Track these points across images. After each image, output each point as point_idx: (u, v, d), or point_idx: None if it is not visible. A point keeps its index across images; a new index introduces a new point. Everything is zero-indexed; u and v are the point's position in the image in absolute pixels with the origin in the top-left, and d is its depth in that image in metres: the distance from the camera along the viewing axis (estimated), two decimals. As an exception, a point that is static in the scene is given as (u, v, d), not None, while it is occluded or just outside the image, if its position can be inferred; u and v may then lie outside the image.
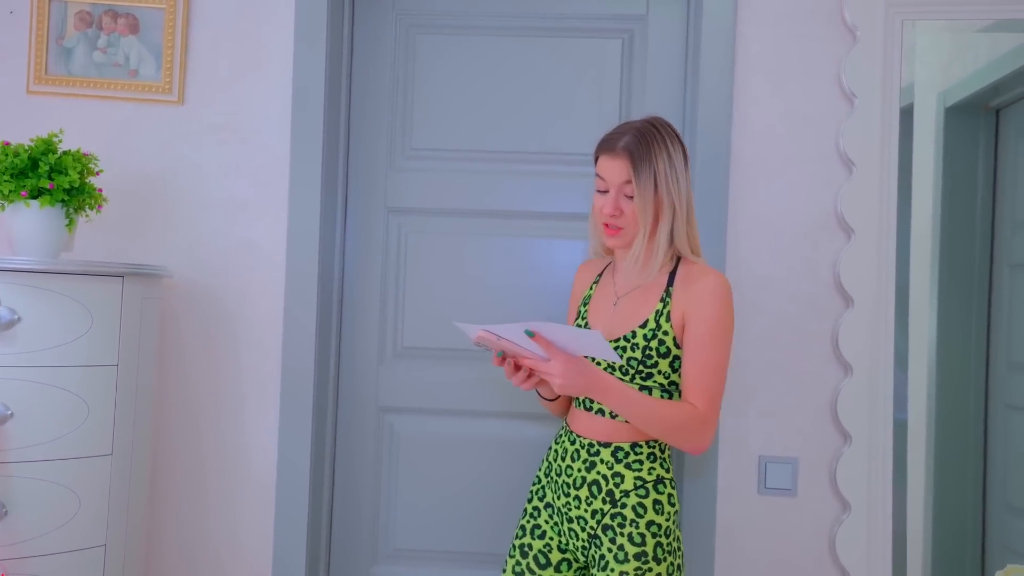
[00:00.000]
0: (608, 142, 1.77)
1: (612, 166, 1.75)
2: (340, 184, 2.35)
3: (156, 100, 2.28)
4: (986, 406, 2.17)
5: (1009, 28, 2.15)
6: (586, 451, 1.80)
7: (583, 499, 1.78)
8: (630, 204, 1.75)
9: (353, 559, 2.37)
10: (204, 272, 2.28)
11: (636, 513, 1.74)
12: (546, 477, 1.89)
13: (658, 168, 1.73)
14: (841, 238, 2.17)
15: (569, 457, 1.83)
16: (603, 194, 1.78)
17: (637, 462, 1.77)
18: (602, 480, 1.77)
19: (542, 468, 1.92)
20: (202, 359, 2.29)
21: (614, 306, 1.83)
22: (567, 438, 1.86)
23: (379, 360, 2.37)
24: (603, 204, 1.77)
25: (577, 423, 1.85)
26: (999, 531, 2.15)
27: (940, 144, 2.18)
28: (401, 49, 2.38)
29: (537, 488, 1.91)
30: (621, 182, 1.74)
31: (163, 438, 2.30)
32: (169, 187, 2.29)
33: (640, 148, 1.73)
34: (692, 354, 1.72)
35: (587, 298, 1.90)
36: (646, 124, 1.77)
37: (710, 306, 1.73)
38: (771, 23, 2.20)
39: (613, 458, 1.77)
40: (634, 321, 1.78)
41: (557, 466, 1.85)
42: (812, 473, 2.18)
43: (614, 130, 1.79)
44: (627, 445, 1.78)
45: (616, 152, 1.74)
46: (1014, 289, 2.16)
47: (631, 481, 1.76)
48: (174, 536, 2.29)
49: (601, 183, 1.78)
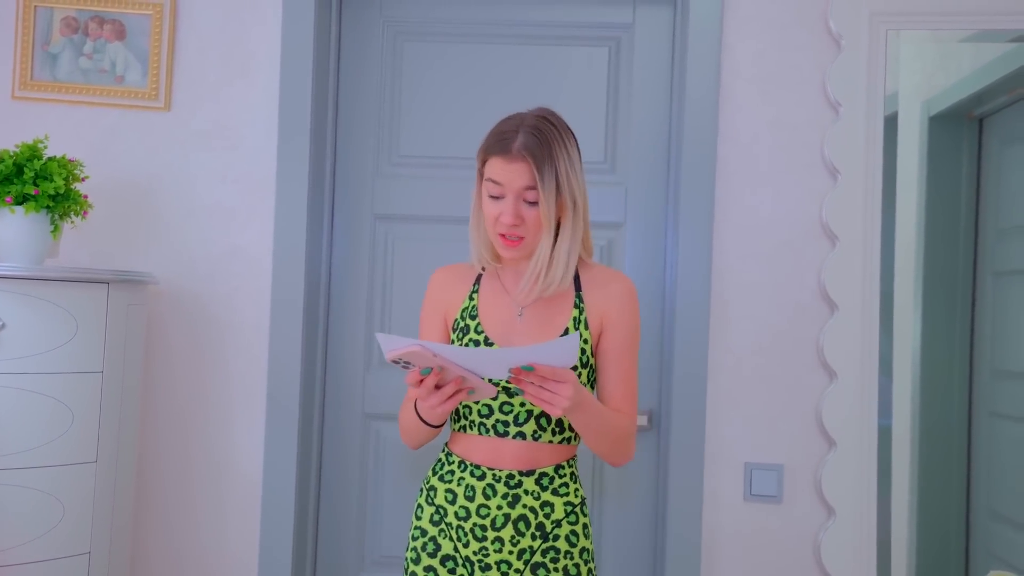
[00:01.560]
0: (501, 143, 1.56)
1: (510, 170, 1.55)
2: (327, 191, 2.35)
3: (142, 106, 2.28)
4: (970, 413, 2.19)
5: (992, 38, 2.17)
6: (504, 484, 1.59)
7: (507, 540, 1.58)
8: (532, 211, 1.56)
9: (339, 566, 2.36)
10: (190, 279, 2.28)
11: (569, 543, 1.60)
12: (435, 526, 1.62)
13: (559, 168, 1.56)
14: (826, 246, 2.19)
15: (480, 495, 1.59)
16: (497, 200, 1.57)
17: (563, 486, 1.61)
18: (530, 514, 1.58)
19: (423, 518, 1.64)
20: (188, 366, 2.28)
21: (519, 317, 1.64)
22: (468, 473, 1.61)
23: (366, 366, 2.37)
24: (499, 212, 1.56)
25: (479, 452, 1.62)
26: (983, 537, 2.16)
27: (924, 152, 2.20)
28: (388, 56, 2.38)
29: (422, 543, 1.63)
30: (521, 188, 1.55)
31: (149, 445, 2.29)
32: (155, 194, 2.29)
33: (541, 149, 1.55)
34: (616, 362, 1.62)
35: (471, 310, 1.65)
36: (539, 119, 1.58)
37: (630, 312, 1.64)
38: (757, 32, 2.21)
39: (538, 486, 1.59)
40: (551, 331, 1.61)
41: (458, 509, 1.60)
42: (797, 479, 2.19)
43: (502, 127, 1.59)
44: (551, 469, 1.61)
45: (513, 155, 1.54)
46: (997, 297, 2.17)
47: (561, 509, 1.60)
48: (159, 544, 2.28)
49: (494, 188, 1.57)
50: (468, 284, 1.69)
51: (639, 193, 2.33)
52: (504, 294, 1.66)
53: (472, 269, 1.71)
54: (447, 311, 1.69)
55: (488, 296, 1.67)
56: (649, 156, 2.33)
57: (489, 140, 1.59)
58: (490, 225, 1.59)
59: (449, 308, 1.69)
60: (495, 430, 1.61)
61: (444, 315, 1.70)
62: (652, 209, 2.33)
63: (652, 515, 2.32)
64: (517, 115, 1.61)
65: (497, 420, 1.61)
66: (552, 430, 1.61)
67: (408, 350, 1.38)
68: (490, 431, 1.61)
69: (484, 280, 1.69)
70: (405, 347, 1.39)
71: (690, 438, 2.18)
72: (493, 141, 1.58)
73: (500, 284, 1.68)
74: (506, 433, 1.61)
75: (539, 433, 1.60)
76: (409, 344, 1.38)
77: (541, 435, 1.60)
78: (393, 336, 1.39)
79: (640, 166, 2.33)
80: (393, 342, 1.39)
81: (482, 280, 1.69)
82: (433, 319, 1.71)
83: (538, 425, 1.60)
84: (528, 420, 1.60)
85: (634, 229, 2.33)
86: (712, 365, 2.20)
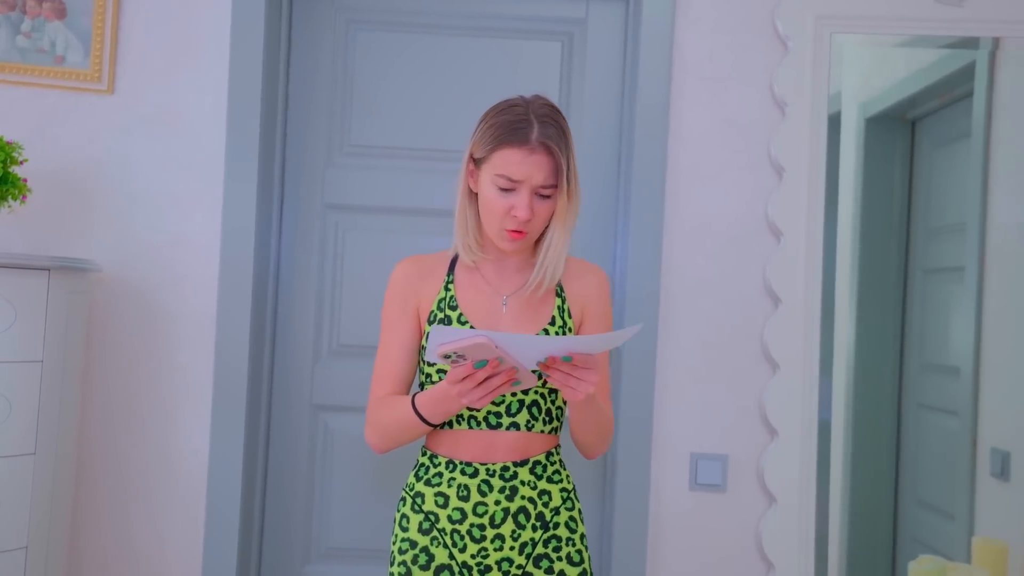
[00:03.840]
0: (515, 133, 1.48)
1: (530, 163, 1.47)
2: (277, 179, 2.32)
3: (84, 89, 2.21)
4: (899, 406, 2.26)
5: (925, 44, 2.25)
6: (499, 477, 1.54)
7: (507, 536, 1.53)
8: (542, 204, 1.51)
9: (286, 559, 2.33)
10: (135, 267, 2.22)
11: (569, 529, 1.58)
12: (426, 535, 1.55)
13: (572, 160, 1.51)
14: (771, 242, 2.24)
15: (476, 492, 1.54)
16: (508, 192, 1.50)
17: (556, 473, 1.59)
18: (529, 504, 1.55)
19: (410, 528, 1.57)
20: (132, 356, 2.22)
21: (504, 306, 1.59)
22: (458, 472, 1.56)
23: (315, 358, 2.34)
24: (510, 206, 1.49)
25: (469, 448, 1.56)
26: (910, 525, 2.24)
27: (861, 153, 2.26)
28: (341, 44, 2.35)
29: (412, 555, 1.55)
30: (539, 182, 1.49)
31: (90, 437, 2.22)
32: (98, 179, 2.22)
33: (561, 140, 1.49)
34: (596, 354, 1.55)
35: (449, 301, 1.59)
36: (548, 107, 1.52)
37: (606, 303, 1.63)
38: (707, 32, 2.25)
39: (533, 475, 1.56)
40: (540, 320, 1.58)
41: (452, 512, 1.54)
42: (741, 469, 2.24)
43: (508, 116, 1.50)
44: (543, 456, 1.58)
45: (532, 146, 1.47)
46: (927, 293, 2.25)
47: (558, 496, 1.59)
48: (100, 538, 2.22)
49: (504, 181, 1.49)
50: (440, 275, 1.63)
51: (590, 188, 2.35)
52: (484, 284, 1.61)
53: (442, 260, 1.65)
54: (419, 303, 1.62)
55: (467, 287, 1.61)
56: (600, 152, 2.35)
57: (497, 130, 1.49)
58: (496, 218, 1.52)
59: (421, 300, 1.62)
60: (487, 422, 1.55)
61: (416, 307, 1.62)
62: (603, 204, 2.36)
63: (600, 505, 2.35)
64: (518, 102, 1.53)
65: (489, 412, 1.56)
66: (543, 419, 1.58)
67: (471, 342, 1.29)
68: (481, 424, 1.56)
69: (459, 270, 1.63)
70: (469, 339, 1.29)
71: (638, 429, 2.21)
72: (504, 131, 1.48)
73: (479, 274, 1.62)
74: (499, 425, 1.55)
75: (532, 423, 1.57)
76: (474, 336, 1.29)
77: (534, 424, 1.57)
78: (449, 328, 1.30)
79: (591, 162, 2.35)
80: (450, 334, 1.30)
81: (456, 270, 1.63)
82: (403, 312, 1.62)
83: (531, 415, 1.57)
84: (521, 410, 1.56)
85: (585, 224, 2.35)
86: (660, 358, 2.24)
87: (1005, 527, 2.20)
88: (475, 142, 1.54)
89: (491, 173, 1.50)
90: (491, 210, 1.52)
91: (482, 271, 1.63)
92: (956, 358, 2.22)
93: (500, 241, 1.54)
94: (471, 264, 1.62)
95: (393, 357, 1.61)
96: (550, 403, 1.60)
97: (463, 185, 1.58)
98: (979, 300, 2.22)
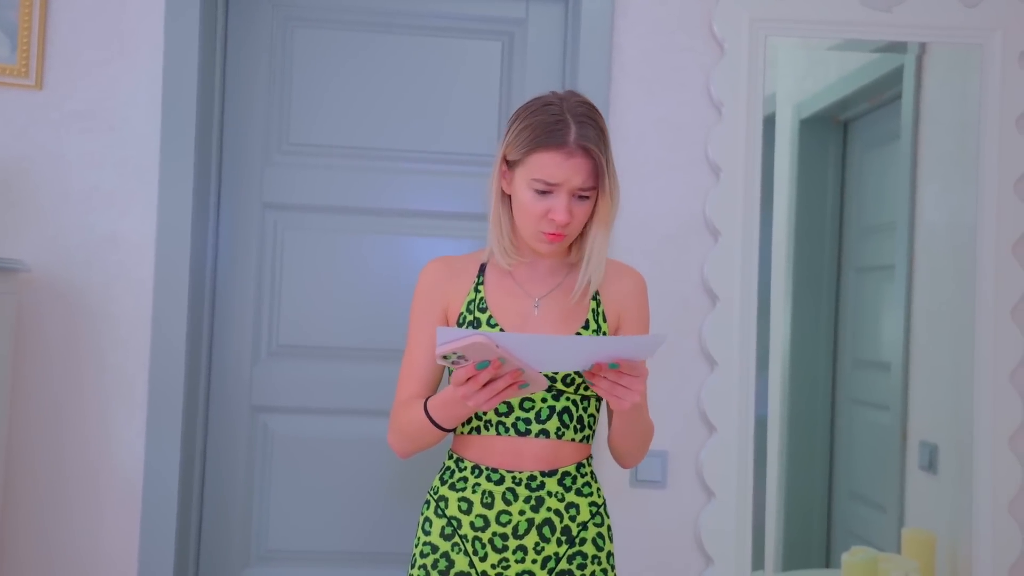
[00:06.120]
0: (552, 135, 1.42)
1: (569, 166, 1.42)
2: (213, 177, 2.28)
3: (11, 84, 2.14)
4: (833, 401, 2.31)
5: (856, 48, 2.30)
6: (524, 487, 1.49)
7: (530, 548, 1.48)
8: (580, 205, 1.46)
9: (224, 562, 2.30)
10: (65, 267, 2.16)
11: (596, 547, 1.52)
12: (447, 541, 1.51)
13: (610, 159, 1.47)
14: (709, 241, 2.28)
15: (500, 500, 1.49)
16: (545, 195, 1.45)
17: (586, 485, 1.53)
18: (555, 517, 1.49)
19: (432, 532, 1.53)
20: (63, 358, 2.16)
21: (535, 308, 1.55)
22: (484, 478, 1.51)
23: (253, 359, 2.31)
24: (548, 209, 1.44)
25: (497, 454, 1.51)
26: (844, 517, 2.29)
27: (796, 154, 2.31)
28: (279, 41, 2.32)
29: (432, 560, 1.51)
30: (578, 185, 1.44)
31: (19, 442, 2.16)
32: (26, 176, 2.16)
33: (600, 141, 1.44)
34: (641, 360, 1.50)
35: (479, 303, 1.55)
36: (583, 104, 1.46)
37: (645, 308, 1.60)
38: (646, 33, 2.28)
39: (561, 487, 1.50)
40: (574, 323, 1.54)
41: (475, 519, 1.50)
42: (681, 465, 2.27)
43: (542, 116, 1.44)
44: (573, 468, 1.52)
45: (572, 148, 1.41)
46: (859, 291, 2.31)
47: (586, 510, 1.52)
48: (30, 545, 2.16)
49: (541, 184, 1.44)
50: (470, 277, 1.58)
51: (530, 187, 2.35)
52: (515, 286, 1.56)
53: (472, 261, 1.61)
54: (448, 304, 1.57)
55: (497, 288, 1.56)
56: (540, 150, 2.36)
57: (533, 132, 1.44)
58: (533, 221, 1.47)
59: (451, 301, 1.57)
60: (515, 429, 1.50)
61: (444, 308, 1.57)
62: (543, 203, 2.36)
63: (540, 503, 2.36)
64: (552, 100, 1.47)
65: (518, 418, 1.50)
66: (574, 427, 1.53)
67: (469, 342, 1.27)
68: (510, 430, 1.50)
69: (490, 271, 1.58)
70: (467, 339, 1.27)
71: (579, 427, 2.22)
72: (539, 133, 1.43)
73: (510, 276, 1.57)
74: (528, 432, 1.49)
75: (562, 431, 1.51)
76: (471, 335, 1.27)
77: (564, 432, 1.51)
78: (453, 328, 1.28)
79: (531, 160, 2.36)
80: (452, 334, 1.28)
81: (487, 272, 1.58)
82: (431, 313, 1.57)
83: (561, 422, 1.51)
84: (551, 417, 1.51)
85: (525, 222, 2.36)
86: (600, 356, 2.25)
87: (933, 518, 2.27)
88: (508, 143, 1.48)
89: (527, 176, 1.45)
90: (527, 213, 1.47)
91: (514, 273, 1.58)
92: (887, 354, 2.28)
93: (536, 243, 1.50)
94: (505, 266, 1.57)
95: (418, 359, 1.57)
96: (582, 410, 1.54)
97: (495, 187, 1.53)
98: (908, 297, 2.28)
